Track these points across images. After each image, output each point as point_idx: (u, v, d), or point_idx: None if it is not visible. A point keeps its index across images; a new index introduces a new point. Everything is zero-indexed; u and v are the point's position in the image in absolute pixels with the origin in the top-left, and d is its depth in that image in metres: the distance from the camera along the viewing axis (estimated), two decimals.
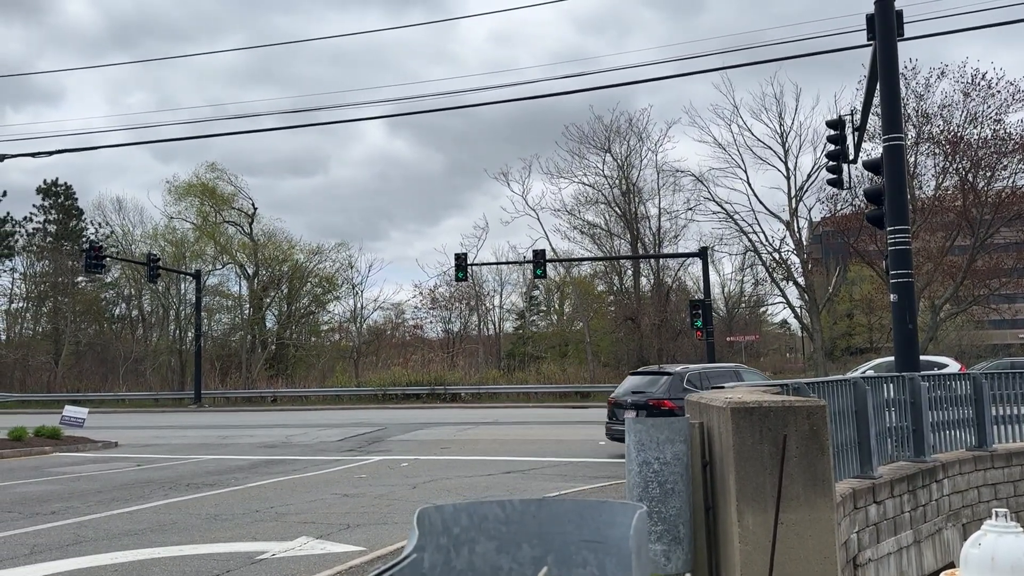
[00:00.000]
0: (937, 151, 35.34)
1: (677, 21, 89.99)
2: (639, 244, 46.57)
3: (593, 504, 1.85)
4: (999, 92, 33.60)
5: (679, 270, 48.34)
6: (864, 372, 22.21)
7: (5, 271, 55.25)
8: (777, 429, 4.61)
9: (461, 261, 36.14)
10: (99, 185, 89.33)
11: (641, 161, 46.57)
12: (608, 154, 46.38)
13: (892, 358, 15.99)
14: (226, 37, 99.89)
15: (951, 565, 8.68)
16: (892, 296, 13.74)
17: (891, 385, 8.99)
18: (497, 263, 51.03)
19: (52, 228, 56.26)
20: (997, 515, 4.56)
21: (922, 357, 15.40)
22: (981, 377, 10.44)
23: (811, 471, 4.59)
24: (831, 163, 17.79)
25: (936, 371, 14.27)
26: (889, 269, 13.92)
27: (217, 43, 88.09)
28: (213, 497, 11.42)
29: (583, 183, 47.23)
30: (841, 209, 38.40)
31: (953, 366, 20.53)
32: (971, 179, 34.74)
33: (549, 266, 41.91)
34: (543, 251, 37.41)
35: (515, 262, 49.58)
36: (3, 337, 55.07)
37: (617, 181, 46.77)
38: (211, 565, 7.33)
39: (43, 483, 13.54)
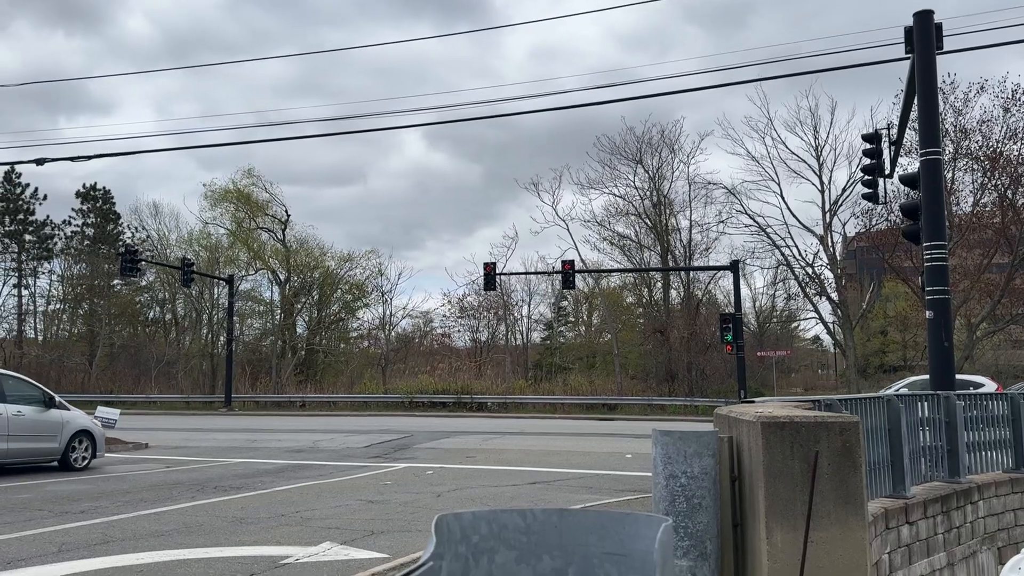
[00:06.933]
0: (975, 167, 34.74)
1: (720, 37, 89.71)
2: (669, 256, 46.27)
3: (617, 516, 1.80)
4: None
5: (710, 283, 47.97)
6: (898, 390, 21.83)
7: (43, 273, 56.37)
8: (809, 445, 4.51)
9: (490, 271, 36.18)
10: (145, 193, 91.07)
11: (673, 173, 46.32)
12: (640, 166, 46.22)
13: (926, 376, 15.69)
14: (277, 51, 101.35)
15: None
16: (928, 313, 13.48)
17: (926, 404, 8.80)
18: (526, 273, 51.12)
19: (90, 231, 57.25)
20: None
21: (957, 376, 15.10)
22: (1019, 397, 10.19)
23: (843, 488, 4.49)
24: (867, 177, 17.55)
25: (972, 390, 13.97)
26: (925, 285, 13.67)
27: (270, 60, 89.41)
28: (240, 500, 11.48)
29: (614, 194, 47.12)
30: (876, 224, 37.87)
31: (990, 385, 20.11)
32: (1010, 196, 34.10)
33: (578, 277, 41.83)
34: (572, 262, 37.34)
35: (544, 272, 49.59)
36: (40, 338, 56.09)
37: (648, 193, 46.57)
38: (235, 568, 7.35)
39: (73, 482, 13.71)
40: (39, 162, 23.63)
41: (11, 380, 15.31)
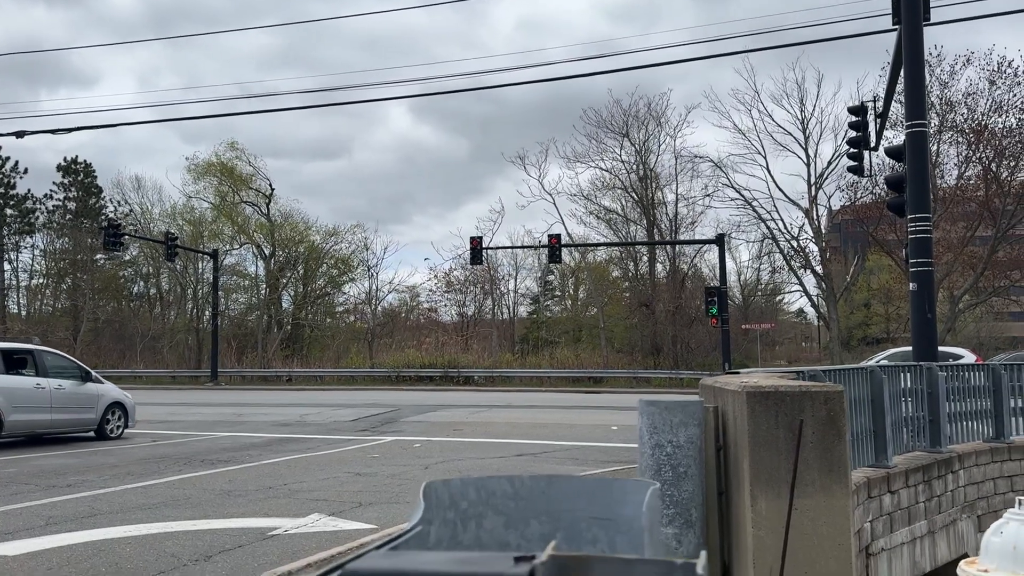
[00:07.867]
0: (960, 140, 34.91)
1: (708, 8, 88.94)
2: (655, 230, 46.33)
3: (604, 481, 1.81)
4: None
5: (695, 257, 48.12)
6: (879, 362, 22.01)
7: (26, 248, 55.85)
8: (793, 414, 4.55)
9: (476, 245, 36.12)
10: (127, 166, 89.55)
11: (659, 146, 46.26)
12: (626, 139, 46.09)
13: (907, 348, 15.84)
14: (260, 22, 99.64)
15: (965, 556, 8.60)
16: (911, 285, 13.59)
17: (908, 375, 8.89)
18: (512, 247, 51.02)
19: (72, 206, 56.66)
20: (1021, 503, 4.48)
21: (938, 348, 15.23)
22: (1000, 368, 10.31)
23: (827, 457, 4.54)
24: (852, 150, 17.58)
25: (951, 362, 14.12)
26: (909, 257, 13.76)
27: (252, 30, 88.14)
28: (227, 473, 11.50)
29: (600, 168, 47.03)
30: (861, 197, 38.05)
31: (969, 357, 20.30)
32: (994, 169, 34.31)
33: (564, 251, 41.82)
34: (559, 236, 37.32)
35: (530, 246, 49.54)
36: (23, 313, 55.69)
37: (634, 166, 46.50)
38: (224, 540, 7.38)
39: (60, 456, 13.69)
40: (19, 135, 23.31)
41: (51, 356, 16.10)
